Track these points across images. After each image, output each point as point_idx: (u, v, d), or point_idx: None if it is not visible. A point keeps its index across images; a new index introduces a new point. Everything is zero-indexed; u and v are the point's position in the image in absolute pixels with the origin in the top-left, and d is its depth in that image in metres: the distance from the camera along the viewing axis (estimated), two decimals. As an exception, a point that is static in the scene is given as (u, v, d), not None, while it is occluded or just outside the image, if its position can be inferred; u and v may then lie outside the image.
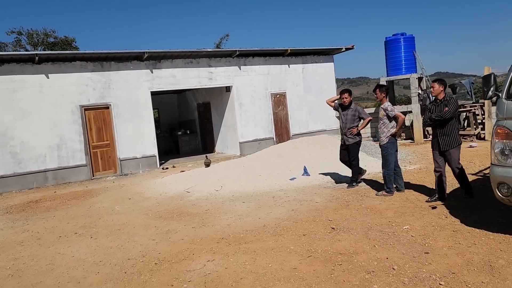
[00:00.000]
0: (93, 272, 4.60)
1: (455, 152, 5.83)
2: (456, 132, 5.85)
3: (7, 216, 8.31)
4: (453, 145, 5.80)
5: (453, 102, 5.82)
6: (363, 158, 10.00)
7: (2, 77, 11.64)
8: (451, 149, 5.81)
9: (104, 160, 13.11)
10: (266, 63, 15.92)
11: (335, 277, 3.78)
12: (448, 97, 5.91)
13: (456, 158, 5.87)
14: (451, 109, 5.75)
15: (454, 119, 5.88)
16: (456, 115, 6.05)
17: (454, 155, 5.83)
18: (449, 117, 5.75)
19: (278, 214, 6.24)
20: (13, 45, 30.84)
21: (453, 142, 5.80)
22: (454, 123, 5.85)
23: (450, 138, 5.81)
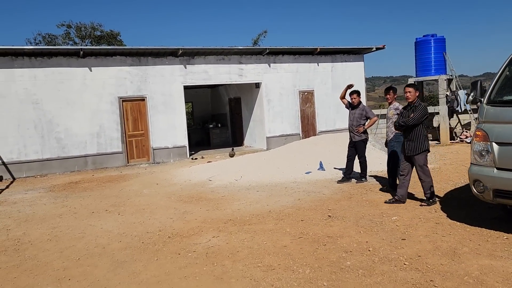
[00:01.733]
0: (116, 241, 5.38)
1: (419, 158, 5.94)
2: (422, 138, 5.92)
3: (50, 194, 9.35)
4: (417, 151, 5.93)
5: (420, 108, 5.93)
6: (380, 157, 10.39)
7: (50, 69, 12.82)
8: (416, 155, 5.96)
9: (138, 149, 14.10)
10: (295, 61, 16.39)
11: (317, 254, 4.33)
12: (417, 103, 6.02)
13: (420, 163, 5.95)
14: (416, 116, 5.89)
15: (422, 126, 5.95)
16: (422, 121, 5.96)
17: (419, 160, 5.96)
18: (413, 124, 5.90)
19: (285, 202, 6.82)
20: (63, 37, 32.79)
21: (418, 147, 5.93)
22: (421, 129, 5.93)
23: (415, 143, 5.94)
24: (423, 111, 5.94)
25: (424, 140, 5.97)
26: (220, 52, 14.96)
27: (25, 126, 12.52)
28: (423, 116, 5.95)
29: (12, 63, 12.40)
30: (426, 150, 6.00)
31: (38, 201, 8.49)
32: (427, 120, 6.14)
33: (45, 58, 12.77)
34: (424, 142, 5.97)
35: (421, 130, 5.96)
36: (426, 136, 6.03)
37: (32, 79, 12.60)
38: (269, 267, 4.10)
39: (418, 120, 5.91)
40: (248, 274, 3.96)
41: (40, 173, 12.61)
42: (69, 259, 4.79)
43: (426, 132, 6.07)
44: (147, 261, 4.53)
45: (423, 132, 5.97)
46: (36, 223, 6.62)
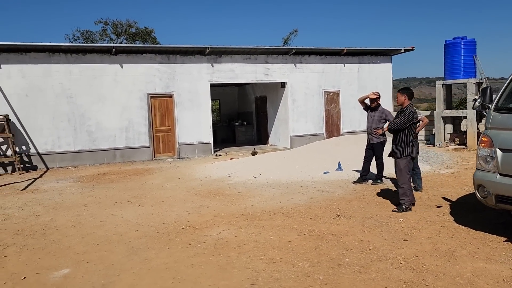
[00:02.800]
0: (134, 230, 5.72)
1: (399, 162, 6.01)
2: (406, 143, 5.95)
3: (79, 184, 9.89)
4: (399, 155, 6.01)
5: (405, 114, 5.96)
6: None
7: (84, 65, 13.46)
8: (397, 158, 6.04)
9: (165, 144, 14.57)
10: (321, 62, 16.46)
11: (319, 250, 4.51)
12: (405, 109, 6.04)
13: (400, 167, 5.99)
14: (398, 121, 6.00)
15: (407, 131, 5.97)
16: (406, 127, 5.96)
17: (398, 164, 6.03)
18: (396, 128, 5.99)
19: (298, 200, 7.00)
20: (100, 34, 33.97)
21: (400, 152, 6.00)
22: (406, 135, 5.96)
23: (398, 148, 6.02)
24: (407, 117, 5.95)
25: (408, 146, 5.98)
26: (247, 52, 15.23)
27: (59, 119, 13.21)
28: (408, 122, 5.95)
29: (49, 59, 13.10)
30: (408, 155, 6.00)
31: (67, 190, 9.02)
32: (413, 126, 6.09)
33: (79, 55, 13.42)
34: (407, 148, 5.98)
35: (406, 135, 5.99)
36: (411, 142, 6.01)
37: (68, 74, 13.27)
38: (271, 260, 4.31)
39: (401, 125, 5.97)
40: (251, 266, 4.19)
41: (72, 164, 13.28)
42: (89, 244, 5.16)
43: (413, 138, 6.05)
44: (159, 250, 4.84)
45: (408, 138, 5.99)
46: (63, 211, 7.08)
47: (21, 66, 12.78)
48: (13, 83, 12.71)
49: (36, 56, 12.94)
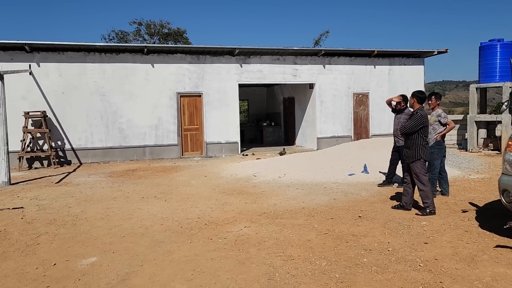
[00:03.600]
0: (158, 224, 5.91)
1: (414, 166, 5.98)
2: (419, 147, 5.93)
3: (109, 179, 10.24)
4: (412, 159, 5.98)
5: (414, 118, 5.97)
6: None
7: (117, 64, 13.90)
8: (411, 162, 6.01)
9: (193, 142, 14.84)
10: (351, 63, 16.34)
11: (337, 250, 4.54)
12: (415, 112, 6.03)
13: (415, 171, 5.96)
14: (408, 125, 6.02)
15: (418, 134, 5.95)
16: (416, 130, 5.95)
17: (413, 168, 5.99)
18: (407, 132, 6.00)
19: (320, 201, 7.02)
20: (133, 34, 34.89)
21: (413, 155, 5.97)
22: (418, 138, 5.95)
23: (411, 151, 6.00)
24: (417, 120, 5.95)
25: (419, 149, 5.96)
26: (276, 52, 15.30)
27: (93, 116, 13.70)
28: (418, 125, 5.95)
29: (85, 58, 13.61)
30: (421, 158, 5.97)
31: (98, 185, 9.37)
32: (424, 130, 6.04)
33: (113, 54, 13.87)
34: (420, 151, 5.95)
35: (418, 139, 5.97)
36: (423, 145, 5.98)
37: (101, 73, 13.74)
38: (289, 257, 4.38)
39: (411, 129, 5.98)
40: (269, 262, 4.27)
41: (103, 160, 13.74)
42: (116, 236, 5.38)
43: (424, 141, 6.01)
44: (181, 243, 4.99)
45: (420, 141, 5.97)
46: (93, 203, 7.38)
47: (58, 65, 13.34)
48: (50, 81, 13.29)
49: (73, 55, 13.47)
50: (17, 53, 13.01)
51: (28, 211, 6.90)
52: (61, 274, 4.14)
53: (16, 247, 5.00)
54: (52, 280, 3.99)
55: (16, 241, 5.27)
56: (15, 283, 3.93)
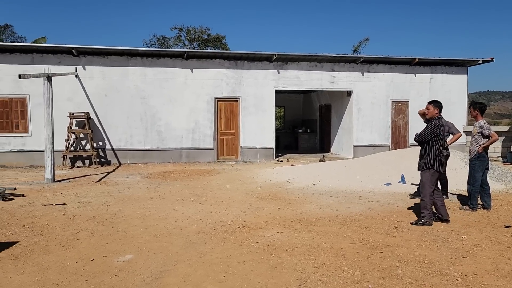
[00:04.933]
0: (193, 225, 6.01)
1: (423, 174, 5.90)
2: (430, 156, 5.81)
3: (147, 180, 10.51)
4: (423, 168, 5.90)
5: (428, 126, 5.86)
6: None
7: (158, 69, 14.29)
8: (421, 171, 5.95)
9: (228, 147, 15.00)
10: (390, 71, 16.03)
11: (371, 260, 4.45)
12: (432, 120, 5.93)
13: (423, 180, 5.88)
14: (421, 133, 5.93)
15: (431, 143, 5.82)
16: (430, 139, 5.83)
17: (422, 177, 5.93)
18: (420, 140, 5.93)
19: (355, 210, 6.91)
20: (174, 39, 35.83)
21: (424, 164, 5.89)
22: (431, 147, 5.82)
23: (423, 160, 5.91)
24: (430, 129, 5.85)
25: (431, 158, 5.83)
26: (314, 59, 15.25)
27: (133, 118, 14.13)
28: (431, 134, 5.84)
29: (127, 62, 14.09)
30: (431, 168, 5.84)
31: (135, 185, 9.64)
32: (438, 139, 5.86)
33: (154, 59, 14.27)
34: (431, 160, 5.83)
35: (430, 148, 5.85)
36: (436, 155, 5.83)
37: (142, 77, 14.17)
38: (321, 264, 4.33)
39: (424, 137, 5.90)
40: (300, 268, 4.24)
41: (141, 161, 14.12)
42: (151, 235, 5.51)
43: (438, 151, 5.85)
44: (214, 245, 5.04)
45: (432, 150, 5.84)
46: (130, 203, 7.60)
47: (102, 68, 13.87)
48: (94, 83, 13.83)
49: (116, 59, 13.97)
50: (64, 56, 13.64)
51: (69, 207, 7.20)
52: (99, 269, 4.28)
53: (57, 241, 5.23)
54: (90, 274, 4.14)
55: (58, 235, 5.50)
56: (55, 276, 4.11)
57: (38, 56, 13.50)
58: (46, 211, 6.92)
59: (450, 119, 9.96)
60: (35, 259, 4.57)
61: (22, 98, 13.41)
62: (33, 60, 13.44)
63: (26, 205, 7.41)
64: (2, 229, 5.78)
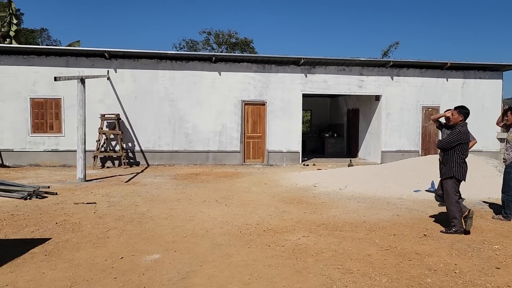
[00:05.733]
0: (219, 227, 6.05)
1: (446, 182, 5.77)
2: (454, 163, 5.67)
3: (174, 181, 10.66)
4: (445, 175, 5.78)
5: (453, 133, 5.70)
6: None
7: (186, 72, 14.50)
8: (443, 179, 5.83)
9: (254, 150, 15.04)
10: (421, 75, 15.72)
11: (399, 267, 4.36)
12: (456, 127, 5.76)
13: (447, 189, 5.73)
14: (444, 140, 5.81)
15: (454, 151, 5.68)
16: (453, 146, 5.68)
17: (445, 185, 5.79)
18: (442, 147, 5.80)
19: (383, 216, 6.79)
20: (203, 43, 36.32)
21: (445, 172, 5.77)
22: (454, 154, 5.69)
23: (445, 167, 5.77)
24: (454, 136, 5.68)
25: (454, 167, 5.67)
26: (342, 63, 15.13)
27: (161, 120, 14.37)
28: (454, 141, 5.67)
29: (157, 65, 14.36)
30: (453, 177, 5.69)
31: (163, 186, 9.79)
32: (461, 147, 5.69)
33: (183, 62, 14.50)
34: (453, 168, 5.67)
35: (453, 156, 5.70)
36: (459, 163, 5.67)
37: (171, 79, 14.41)
38: (347, 270, 4.28)
39: (446, 144, 5.73)
40: (326, 273, 4.20)
41: (169, 163, 14.33)
42: (178, 236, 5.58)
43: (461, 159, 5.70)
44: (240, 247, 5.06)
45: (455, 158, 5.69)
46: (158, 203, 7.72)
47: (133, 71, 14.19)
48: (125, 86, 14.16)
49: (146, 63, 14.27)
50: (97, 59, 14.03)
51: (100, 206, 7.38)
52: (127, 267, 4.37)
53: (88, 239, 5.37)
54: (119, 272, 4.23)
55: (88, 233, 5.65)
56: (86, 272, 4.22)
57: (72, 59, 13.94)
58: (78, 209, 7.12)
59: (484, 125, 9.79)
60: (66, 256, 4.71)
61: (56, 100, 13.87)
62: (68, 62, 13.89)
63: (59, 203, 7.65)
64: (36, 226, 5.99)
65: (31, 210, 6.99)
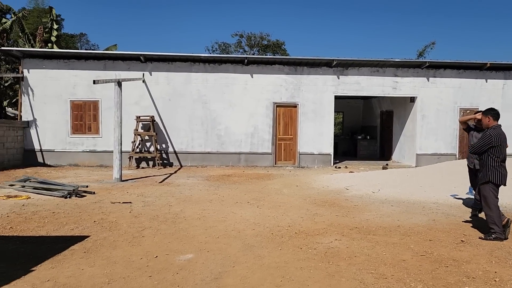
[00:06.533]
0: (250, 228, 6.09)
1: (482, 188, 5.64)
2: (489, 167, 5.52)
3: (206, 182, 10.80)
4: (481, 181, 5.66)
5: (484, 137, 5.53)
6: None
7: (219, 74, 14.68)
8: (480, 184, 5.70)
9: (286, 152, 15.03)
10: (458, 76, 15.25)
11: (435, 274, 4.25)
12: (487, 131, 5.61)
13: (485, 195, 5.57)
14: (475, 144, 5.71)
15: (487, 155, 5.53)
16: (485, 151, 5.53)
17: (483, 191, 5.64)
18: (474, 152, 5.72)
19: (418, 221, 6.63)
20: (235, 46, 36.62)
21: (481, 177, 5.65)
22: (488, 159, 5.54)
23: (482, 173, 5.65)
24: (485, 139, 5.54)
25: (490, 171, 5.50)
26: (375, 64, 14.90)
27: (194, 122, 14.61)
28: (484, 145, 5.53)
29: (190, 67, 14.61)
30: (489, 181, 5.54)
31: (195, 187, 9.94)
32: (495, 150, 5.49)
33: (216, 65, 14.68)
34: (489, 172, 5.50)
35: (488, 160, 5.55)
36: (493, 167, 5.49)
37: (204, 82, 14.62)
38: (381, 275, 4.21)
39: (478, 148, 5.64)
40: (359, 278, 4.15)
41: (201, 164, 14.54)
42: (210, 236, 5.66)
43: (495, 163, 5.50)
44: (272, 249, 5.08)
45: (490, 162, 5.52)
46: (191, 204, 7.85)
47: (167, 74, 14.51)
48: (159, 88, 14.49)
49: (180, 65, 14.55)
50: (133, 62, 14.43)
51: (135, 206, 7.58)
52: (162, 266, 4.47)
53: (124, 238, 5.53)
54: (154, 270, 4.34)
55: (124, 232, 5.82)
56: (122, 270, 4.35)
57: (109, 63, 14.40)
58: (114, 208, 7.34)
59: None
60: (104, 253, 4.87)
61: (94, 102, 14.35)
62: (105, 66, 14.35)
63: (97, 202, 7.91)
64: (75, 224, 6.22)
65: (71, 209, 7.27)
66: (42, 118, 14.31)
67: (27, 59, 14.31)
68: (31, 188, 8.78)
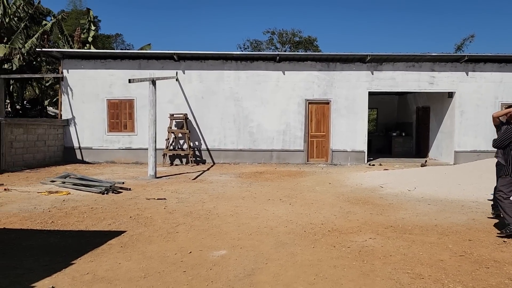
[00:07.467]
0: (283, 225, 6.08)
1: (500, 180, 5.66)
2: (509, 162, 5.48)
3: (239, 179, 10.86)
4: (500, 174, 5.73)
5: (506, 130, 5.57)
6: None
7: (251, 72, 14.71)
8: (499, 176, 5.71)
9: (318, 149, 14.89)
10: (499, 70, 14.61)
11: (475, 275, 4.10)
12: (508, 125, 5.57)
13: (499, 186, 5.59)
14: (498, 137, 5.68)
15: (510, 149, 5.48)
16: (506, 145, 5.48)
17: (498, 183, 5.71)
18: (495, 146, 5.71)
19: (456, 220, 6.42)
20: (266, 43, 36.61)
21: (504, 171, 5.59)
22: (509, 153, 5.49)
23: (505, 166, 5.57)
24: (504, 134, 5.54)
25: (510, 165, 5.42)
26: (411, 59, 14.50)
27: (227, 119, 14.71)
28: (504, 139, 5.52)
29: (222, 65, 14.72)
30: (508, 175, 5.49)
31: (228, 184, 10.02)
32: None
33: (248, 62, 14.72)
34: (509, 167, 5.42)
35: (509, 154, 5.50)
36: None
37: (236, 79, 14.69)
38: (418, 275, 4.11)
39: (499, 142, 5.63)
40: (395, 277, 4.06)
41: (234, 161, 14.63)
42: (243, 233, 5.68)
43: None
44: (304, 247, 5.05)
45: (510, 156, 5.45)
46: (224, 201, 7.92)
47: (199, 72, 14.67)
48: (192, 86, 14.68)
49: (212, 64, 14.68)
50: (167, 61, 14.68)
51: (169, 202, 7.73)
52: (195, 261, 4.54)
53: (159, 233, 5.64)
54: (188, 266, 4.41)
55: (159, 228, 5.94)
56: (157, 265, 4.44)
57: (144, 62, 14.71)
58: (149, 204, 7.51)
59: None
60: (140, 248, 4.99)
61: (130, 100, 14.72)
62: (140, 65, 14.68)
63: (132, 198, 8.12)
64: (112, 219, 6.41)
65: (108, 204, 7.49)
66: (80, 117, 14.81)
67: (66, 59, 14.84)
68: (71, 184, 9.12)
